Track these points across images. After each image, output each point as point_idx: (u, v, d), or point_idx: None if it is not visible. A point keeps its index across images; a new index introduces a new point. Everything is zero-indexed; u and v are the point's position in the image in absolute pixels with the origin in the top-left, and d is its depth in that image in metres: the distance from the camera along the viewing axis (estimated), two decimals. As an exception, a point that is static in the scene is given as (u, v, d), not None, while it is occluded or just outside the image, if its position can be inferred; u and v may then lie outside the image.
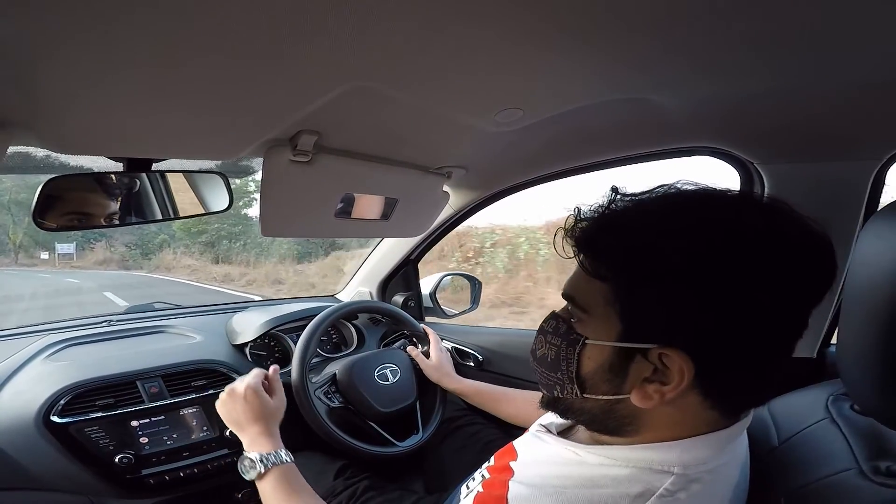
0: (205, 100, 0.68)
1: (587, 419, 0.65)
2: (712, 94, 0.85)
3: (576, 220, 0.61)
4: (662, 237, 0.53)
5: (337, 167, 0.99)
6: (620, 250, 0.56)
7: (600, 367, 0.60)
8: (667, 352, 0.54)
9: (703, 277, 0.51)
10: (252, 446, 0.99)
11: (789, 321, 0.55)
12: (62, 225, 0.92)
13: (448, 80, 0.75)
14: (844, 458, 0.62)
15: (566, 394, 0.64)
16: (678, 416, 0.59)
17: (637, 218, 0.57)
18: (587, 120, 1.00)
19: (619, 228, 0.58)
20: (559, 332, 0.64)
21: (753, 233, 0.52)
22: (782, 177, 1.04)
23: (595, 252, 0.59)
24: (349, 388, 1.32)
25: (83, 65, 0.55)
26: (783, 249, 0.52)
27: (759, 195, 0.58)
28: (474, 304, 1.92)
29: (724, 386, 0.57)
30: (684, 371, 0.54)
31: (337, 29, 0.56)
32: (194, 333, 1.51)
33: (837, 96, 0.82)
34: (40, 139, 0.71)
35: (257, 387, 1.07)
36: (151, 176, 0.99)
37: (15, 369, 1.23)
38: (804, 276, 0.53)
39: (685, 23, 0.61)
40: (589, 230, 0.60)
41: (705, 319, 0.52)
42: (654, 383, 0.56)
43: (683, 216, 0.55)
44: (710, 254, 0.51)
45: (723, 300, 0.51)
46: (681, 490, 0.56)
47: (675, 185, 0.59)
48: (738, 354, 0.54)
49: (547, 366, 0.65)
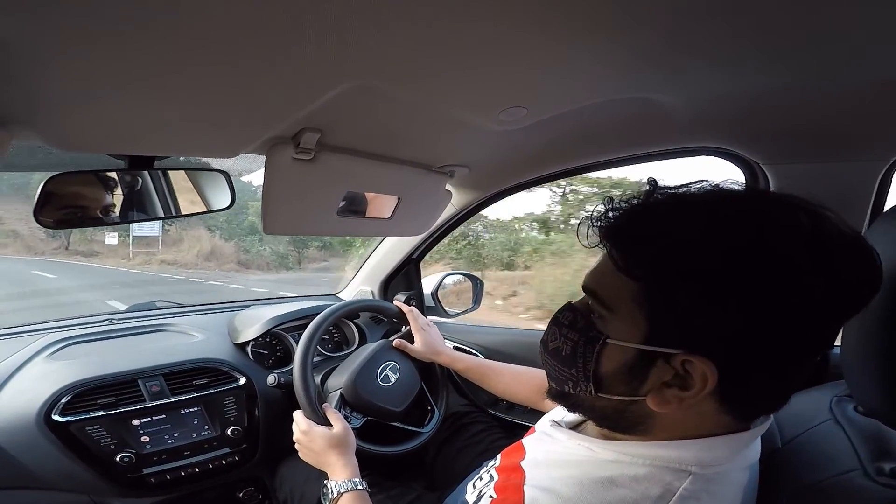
0: (207, 97, 0.68)
1: (597, 417, 0.64)
2: (718, 93, 0.85)
3: (606, 209, 0.58)
4: (705, 235, 0.51)
5: (339, 165, 0.99)
6: (658, 246, 0.52)
7: (619, 368, 0.58)
8: (691, 359, 0.52)
9: (743, 284, 0.49)
10: (331, 476, 1.06)
11: (823, 332, 0.53)
12: (63, 222, 0.92)
13: (451, 78, 0.74)
14: (848, 460, 0.62)
15: (579, 391, 0.62)
16: (691, 419, 0.58)
17: (676, 213, 0.54)
18: (591, 119, 0.99)
19: (656, 223, 0.54)
20: (577, 327, 0.62)
21: (798, 240, 0.49)
22: (787, 177, 1.04)
23: (628, 245, 0.56)
24: (361, 403, 1.32)
25: (86, 63, 0.54)
26: (826, 260, 0.49)
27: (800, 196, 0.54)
28: (476, 304, 1.92)
29: (743, 395, 0.55)
30: (707, 379, 0.52)
31: (340, 27, 0.56)
32: (196, 332, 1.51)
33: (844, 96, 0.81)
34: (43, 136, 0.71)
35: (308, 428, 1.13)
36: (153, 173, 0.99)
37: (16, 368, 1.24)
38: (845, 290, 0.50)
39: (692, 22, 0.61)
40: (622, 220, 0.57)
41: (736, 325, 0.50)
42: (674, 388, 0.55)
43: (726, 216, 0.52)
44: (751, 257, 0.49)
45: (759, 306, 0.49)
46: (701, 490, 0.56)
47: (715, 184, 0.56)
48: (767, 366, 0.52)
49: (561, 360, 0.63)
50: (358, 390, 1.30)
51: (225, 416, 1.33)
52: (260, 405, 1.38)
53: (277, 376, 1.35)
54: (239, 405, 1.35)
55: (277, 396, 1.40)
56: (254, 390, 1.39)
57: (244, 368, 1.41)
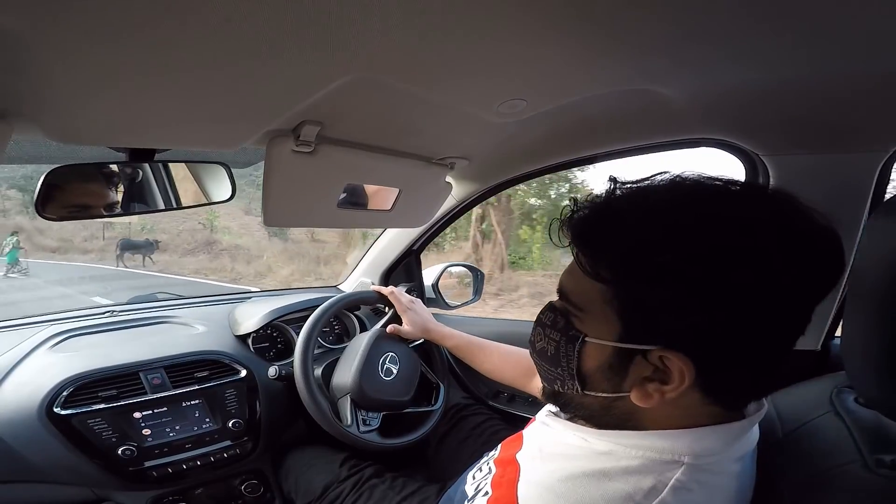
0: (208, 90, 0.67)
1: (587, 414, 0.65)
2: (718, 85, 0.85)
3: (573, 211, 0.59)
4: (665, 237, 0.51)
5: (340, 158, 0.99)
6: (620, 250, 0.54)
7: (600, 365, 0.59)
8: (667, 354, 0.53)
9: (707, 280, 0.49)
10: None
11: (794, 319, 0.54)
12: (65, 215, 0.92)
13: (450, 70, 0.74)
14: (848, 451, 0.62)
15: (567, 389, 0.63)
16: (679, 412, 0.58)
17: (638, 214, 0.55)
18: (591, 110, 0.99)
19: (619, 225, 0.55)
20: (557, 327, 0.63)
21: (761, 232, 0.50)
22: (788, 168, 1.04)
23: (593, 249, 0.57)
24: (372, 403, 1.33)
25: (90, 56, 0.54)
26: (791, 247, 0.50)
27: (764, 186, 0.55)
28: (476, 296, 1.92)
29: (724, 384, 0.56)
30: (685, 373, 0.53)
31: (340, 20, 0.56)
32: (197, 324, 1.51)
33: (844, 87, 0.81)
34: (43, 129, 0.70)
35: None
36: (154, 166, 0.99)
37: (18, 360, 1.24)
38: (811, 274, 0.52)
39: (692, 14, 0.60)
40: (587, 222, 0.58)
41: (707, 322, 0.51)
42: (654, 382, 0.56)
43: (687, 214, 0.52)
44: (714, 255, 0.49)
45: (726, 303, 0.50)
46: (693, 481, 0.56)
47: (676, 175, 0.56)
48: (741, 355, 0.53)
49: (547, 360, 0.65)
50: (365, 391, 1.31)
51: (226, 409, 1.33)
52: (261, 398, 1.38)
53: (278, 369, 1.35)
54: (240, 398, 1.35)
55: (278, 389, 1.41)
56: (255, 383, 1.39)
57: (245, 361, 1.41)
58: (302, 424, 1.47)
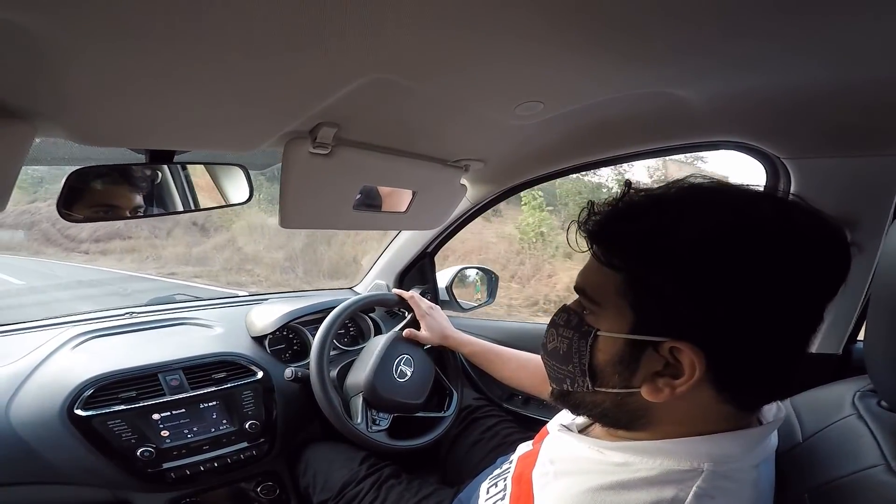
0: (227, 93, 0.68)
1: (598, 413, 0.65)
2: (738, 87, 0.84)
3: (589, 214, 0.61)
4: (675, 226, 0.53)
5: (356, 160, 0.99)
6: (633, 238, 0.56)
7: (612, 359, 0.59)
8: (678, 345, 0.54)
9: (715, 268, 0.51)
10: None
11: (802, 314, 0.54)
12: (88, 216, 0.93)
13: (468, 72, 0.74)
14: (871, 455, 0.61)
15: (577, 387, 0.63)
16: (692, 410, 0.58)
17: (651, 208, 0.57)
18: (608, 113, 0.99)
19: (633, 217, 0.57)
20: (571, 325, 0.64)
21: (766, 223, 0.51)
22: (809, 171, 1.02)
23: (608, 240, 0.59)
24: (383, 403, 1.33)
25: (112, 58, 0.55)
26: (795, 241, 0.51)
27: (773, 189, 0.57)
28: (490, 298, 1.91)
29: (737, 380, 0.56)
30: (695, 365, 0.53)
31: (357, 22, 0.56)
32: (215, 325, 1.52)
33: (866, 90, 0.80)
34: (65, 131, 0.71)
35: None
36: (173, 167, 1.00)
37: (40, 361, 1.25)
38: (817, 269, 0.52)
39: (711, 16, 0.60)
40: (602, 221, 0.59)
41: (716, 312, 0.52)
42: (665, 377, 0.56)
43: (697, 206, 0.55)
44: (721, 244, 0.51)
45: (734, 293, 0.51)
46: (715, 488, 0.55)
47: (688, 180, 0.58)
48: (751, 349, 0.53)
49: (558, 359, 0.65)
50: (378, 391, 1.31)
51: (243, 411, 1.33)
52: (277, 399, 1.39)
53: (294, 370, 1.36)
54: (257, 399, 1.36)
55: (294, 390, 1.41)
56: (271, 384, 1.39)
57: (262, 362, 1.41)
58: (317, 426, 1.48)
